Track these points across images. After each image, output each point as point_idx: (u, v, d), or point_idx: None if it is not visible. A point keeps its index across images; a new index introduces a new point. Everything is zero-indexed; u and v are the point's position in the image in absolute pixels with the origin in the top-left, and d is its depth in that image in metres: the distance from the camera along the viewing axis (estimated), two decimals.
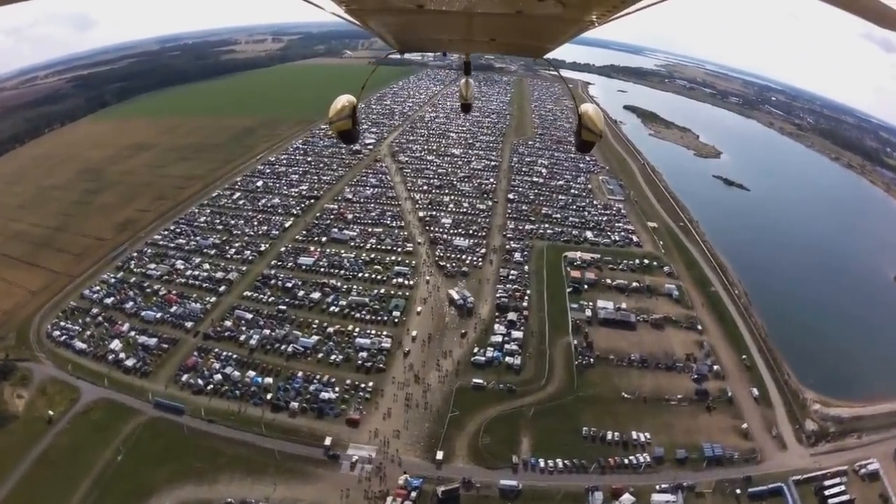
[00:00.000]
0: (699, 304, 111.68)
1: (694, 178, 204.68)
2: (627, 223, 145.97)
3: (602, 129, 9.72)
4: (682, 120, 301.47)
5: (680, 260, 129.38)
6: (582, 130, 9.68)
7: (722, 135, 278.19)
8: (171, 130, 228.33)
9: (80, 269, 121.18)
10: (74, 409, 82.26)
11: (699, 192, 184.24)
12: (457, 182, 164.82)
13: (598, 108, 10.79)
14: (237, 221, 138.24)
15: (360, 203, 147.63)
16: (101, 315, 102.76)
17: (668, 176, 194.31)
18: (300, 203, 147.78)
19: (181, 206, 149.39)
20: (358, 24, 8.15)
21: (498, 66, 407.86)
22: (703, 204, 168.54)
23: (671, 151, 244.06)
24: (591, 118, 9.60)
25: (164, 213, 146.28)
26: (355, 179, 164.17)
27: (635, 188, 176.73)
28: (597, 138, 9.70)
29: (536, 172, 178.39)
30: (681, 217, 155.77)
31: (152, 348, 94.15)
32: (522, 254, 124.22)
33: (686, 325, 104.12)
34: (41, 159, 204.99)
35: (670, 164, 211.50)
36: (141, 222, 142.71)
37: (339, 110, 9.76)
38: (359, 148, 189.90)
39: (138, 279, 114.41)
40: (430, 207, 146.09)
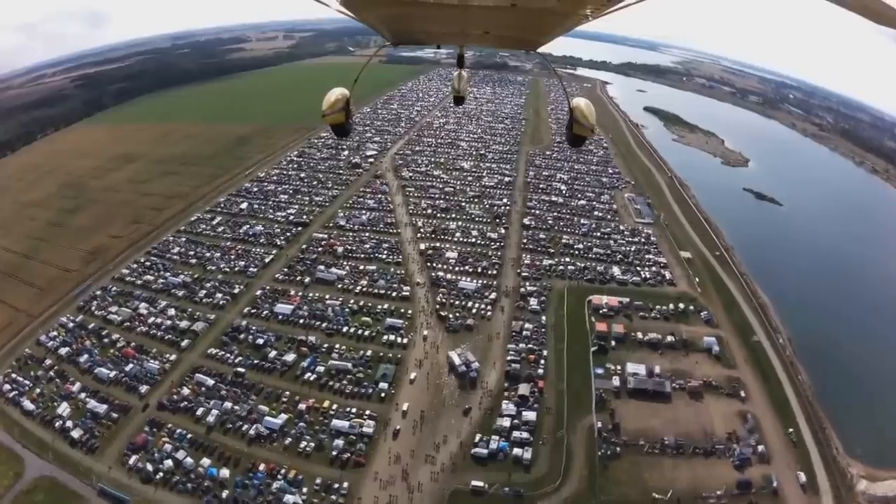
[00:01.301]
0: (741, 361, 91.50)
1: (724, 192, 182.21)
2: (658, 253, 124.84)
3: (594, 124, 9.75)
4: (705, 122, 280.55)
5: (718, 300, 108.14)
6: (574, 124, 9.85)
7: (747, 139, 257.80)
8: (163, 138, 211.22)
9: (42, 307, 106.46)
10: (17, 487, 70.37)
11: (731, 209, 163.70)
12: (465, 203, 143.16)
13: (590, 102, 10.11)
14: (213, 254, 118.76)
15: (354, 232, 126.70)
16: (53, 368, 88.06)
17: (697, 190, 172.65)
18: (286, 231, 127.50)
19: (156, 233, 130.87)
20: (353, 17, 8.13)
21: (512, 64, 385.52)
22: (736, 224, 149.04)
23: (698, 160, 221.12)
24: (582, 112, 9.66)
25: (137, 242, 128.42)
26: (350, 201, 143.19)
27: (664, 208, 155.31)
28: (589, 133, 9.78)
29: (555, 190, 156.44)
30: (716, 243, 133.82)
31: (101, 416, 78.56)
32: (539, 299, 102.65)
33: (727, 390, 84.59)
34: (28, 170, 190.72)
35: (698, 175, 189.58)
36: (111, 251, 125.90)
37: (333, 104, 9.78)
38: (358, 161, 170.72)
39: (98, 324, 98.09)
40: (434, 236, 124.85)
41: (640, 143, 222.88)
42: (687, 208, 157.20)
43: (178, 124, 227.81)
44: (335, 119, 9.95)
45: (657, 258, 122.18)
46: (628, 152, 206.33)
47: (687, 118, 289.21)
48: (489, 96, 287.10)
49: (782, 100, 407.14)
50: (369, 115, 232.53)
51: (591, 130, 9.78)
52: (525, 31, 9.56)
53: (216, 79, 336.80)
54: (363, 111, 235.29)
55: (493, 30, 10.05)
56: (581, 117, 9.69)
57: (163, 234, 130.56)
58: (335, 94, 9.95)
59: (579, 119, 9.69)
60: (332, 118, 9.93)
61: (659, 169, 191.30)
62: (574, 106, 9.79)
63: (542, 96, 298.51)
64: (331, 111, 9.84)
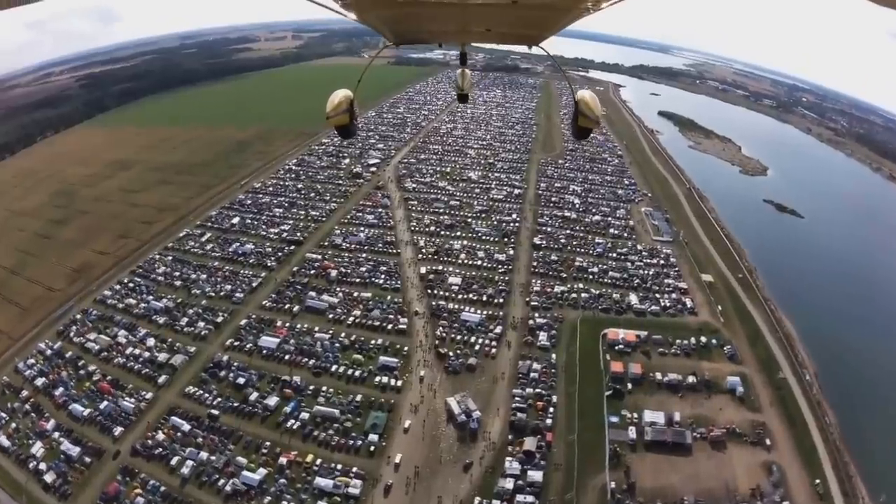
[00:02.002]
0: (766, 403, 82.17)
1: (744, 203, 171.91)
2: (678, 277, 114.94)
3: (599, 116, 9.70)
4: (720, 128, 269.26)
5: (742, 331, 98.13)
6: (579, 117, 9.71)
7: (764, 145, 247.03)
8: (160, 144, 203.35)
9: (23, 330, 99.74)
10: None
11: (752, 223, 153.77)
12: (472, 219, 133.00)
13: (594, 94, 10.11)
14: (199, 276, 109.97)
15: (350, 252, 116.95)
16: (29, 401, 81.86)
17: (716, 202, 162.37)
18: (277, 251, 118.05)
19: (142, 250, 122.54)
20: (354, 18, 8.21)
21: (524, 66, 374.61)
22: (757, 240, 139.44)
23: (715, 168, 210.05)
24: (587, 104, 9.56)
25: (123, 259, 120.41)
26: (349, 216, 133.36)
27: (683, 223, 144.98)
28: (594, 124, 9.70)
29: (568, 203, 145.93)
30: (738, 264, 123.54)
31: (74, 460, 72.34)
32: (549, 333, 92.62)
33: (752, 438, 75.64)
34: (24, 175, 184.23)
35: (717, 185, 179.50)
36: (96, 269, 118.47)
37: (336, 105, 9.77)
38: (359, 171, 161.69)
39: (75, 353, 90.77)
40: (436, 258, 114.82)
41: (656, 150, 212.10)
42: (707, 224, 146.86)
43: (178, 128, 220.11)
44: (339, 121, 9.89)
45: (677, 283, 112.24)
46: (644, 160, 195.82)
47: (702, 123, 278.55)
48: (499, 100, 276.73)
49: (796, 103, 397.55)
50: (374, 119, 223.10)
51: (596, 122, 9.66)
52: (526, 27, 9.43)
53: (221, 79, 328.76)
54: (368, 115, 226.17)
55: (495, 27, 10.11)
56: (586, 109, 9.59)
57: (150, 251, 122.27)
58: (339, 95, 9.88)
59: (584, 111, 9.61)
60: (336, 120, 9.88)
61: (676, 179, 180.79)
62: (579, 98, 9.69)
63: (553, 100, 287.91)
64: (335, 113, 9.80)
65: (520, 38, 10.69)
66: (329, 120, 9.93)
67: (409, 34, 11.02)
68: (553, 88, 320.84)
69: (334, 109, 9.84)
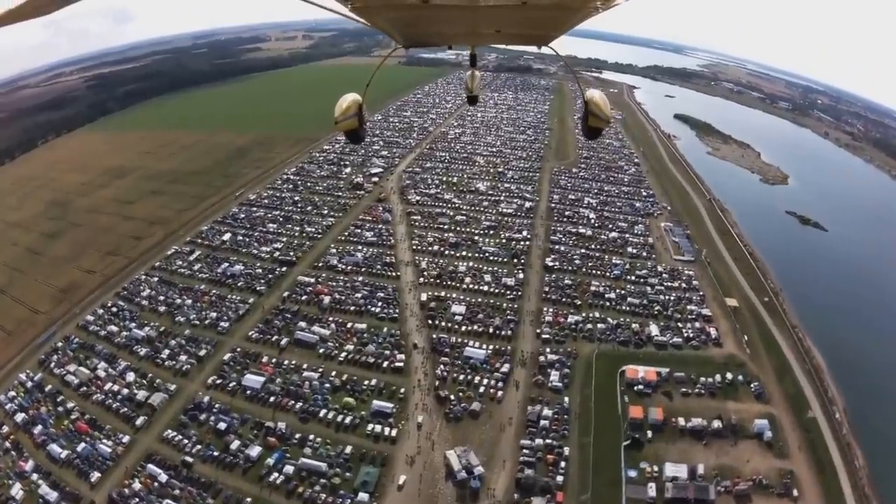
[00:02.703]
0: (795, 447, 73.92)
1: (766, 216, 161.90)
2: (701, 302, 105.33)
3: (609, 115, 9.55)
4: (738, 132, 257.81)
5: (769, 364, 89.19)
6: (589, 117, 9.57)
7: (782, 151, 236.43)
8: (159, 149, 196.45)
9: (6, 357, 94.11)
10: None
11: (775, 237, 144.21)
12: (479, 237, 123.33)
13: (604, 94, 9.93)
14: (184, 300, 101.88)
15: (346, 274, 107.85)
16: (10, 437, 76.75)
17: (738, 215, 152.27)
18: (269, 272, 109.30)
19: (130, 269, 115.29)
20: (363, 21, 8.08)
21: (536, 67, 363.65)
22: (781, 256, 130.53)
23: (735, 177, 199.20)
24: (597, 104, 9.45)
25: (109, 280, 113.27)
26: (347, 232, 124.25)
27: (705, 239, 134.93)
28: (604, 124, 9.56)
29: (583, 218, 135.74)
30: (763, 285, 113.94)
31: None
32: (562, 372, 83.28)
33: (779, 489, 67.76)
34: (22, 182, 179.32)
35: (738, 196, 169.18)
36: (82, 290, 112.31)
37: (345, 110, 9.57)
38: (360, 181, 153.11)
39: (55, 386, 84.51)
40: (439, 282, 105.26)
41: (674, 158, 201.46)
42: (729, 240, 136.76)
43: (179, 133, 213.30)
44: (348, 125, 9.70)
45: (700, 309, 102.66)
46: (662, 169, 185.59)
47: (719, 127, 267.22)
48: (510, 102, 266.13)
49: (811, 105, 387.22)
50: (379, 124, 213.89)
51: (606, 122, 9.53)
52: (536, 28, 9.37)
53: (228, 80, 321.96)
54: (374, 119, 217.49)
55: (505, 28, 9.96)
56: (596, 109, 9.46)
57: (137, 271, 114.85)
58: (347, 100, 9.69)
59: (594, 111, 9.48)
60: (344, 124, 9.68)
61: (696, 189, 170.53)
62: (588, 98, 9.56)
63: (567, 102, 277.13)
64: (343, 117, 9.58)
65: (529, 38, 10.45)
66: (337, 125, 9.60)
67: (419, 37, 10.47)
68: (566, 90, 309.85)
69: (343, 114, 9.52)
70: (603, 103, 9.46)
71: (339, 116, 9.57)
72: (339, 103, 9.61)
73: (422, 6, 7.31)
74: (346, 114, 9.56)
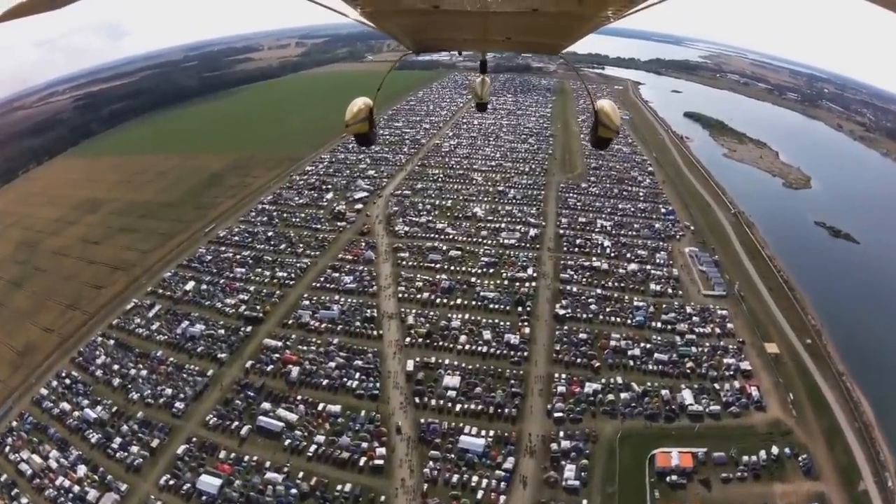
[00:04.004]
0: None
1: (794, 229, 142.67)
2: (738, 351, 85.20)
3: (618, 126, 9.38)
4: (752, 129, 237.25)
5: (817, 427, 73.34)
6: (598, 127, 9.39)
7: (800, 148, 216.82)
8: (134, 177, 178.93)
9: None
10: None
11: (807, 255, 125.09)
12: (476, 277, 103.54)
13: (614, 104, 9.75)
14: (139, 371, 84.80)
15: (320, 334, 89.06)
16: None
17: (765, 230, 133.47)
18: (232, 333, 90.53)
19: (88, 327, 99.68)
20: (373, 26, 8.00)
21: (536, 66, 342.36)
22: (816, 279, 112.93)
23: (756, 182, 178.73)
24: (607, 114, 9.29)
25: (66, 341, 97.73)
26: (323, 277, 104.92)
27: (734, 265, 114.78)
28: (613, 134, 9.37)
29: (596, 247, 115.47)
30: (804, 322, 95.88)
31: None
32: (578, 463, 64.73)
33: None
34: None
35: (762, 205, 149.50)
36: (39, 353, 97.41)
37: (356, 113, 9.47)
38: (343, 210, 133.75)
39: (10, 476, 70.89)
40: (429, 343, 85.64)
41: (690, 163, 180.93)
42: (762, 265, 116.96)
43: (156, 157, 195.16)
44: (358, 129, 9.59)
45: (739, 362, 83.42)
46: (678, 177, 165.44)
47: (732, 124, 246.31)
48: (510, 106, 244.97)
49: (819, 95, 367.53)
50: None
51: (615, 132, 9.43)
52: (546, 36, 9.09)
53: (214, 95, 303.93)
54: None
55: (515, 35, 9.79)
56: (606, 120, 9.32)
57: (94, 330, 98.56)
58: (358, 104, 9.58)
59: (604, 121, 9.34)
60: (355, 128, 9.56)
61: (717, 200, 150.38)
62: (599, 108, 9.41)
63: (570, 103, 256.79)
64: (354, 121, 9.48)
65: (540, 46, 10.37)
66: (348, 128, 9.45)
67: (429, 42, 10.50)
68: (568, 88, 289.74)
69: (354, 117, 9.42)
70: (613, 113, 9.27)
71: (349, 120, 9.34)
72: (349, 107, 9.36)
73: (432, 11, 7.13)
74: (356, 117, 9.36)
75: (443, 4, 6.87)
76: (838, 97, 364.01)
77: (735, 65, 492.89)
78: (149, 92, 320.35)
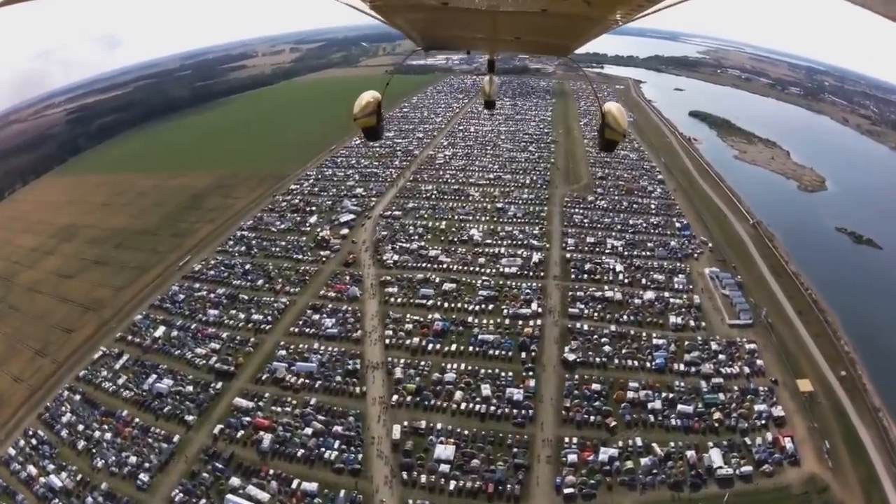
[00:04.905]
0: None
1: (815, 237, 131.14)
2: (771, 394, 73.86)
3: (625, 128, 9.31)
4: (759, 128, 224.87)
5: (855, 478, 64.05)
6: (605, 129, 9.23)
7: (810, 147, 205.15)
8: (114, 199, 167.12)
9: None
10: None
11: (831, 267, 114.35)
12: (474, 316, 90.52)
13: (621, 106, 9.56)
14: (104, 433, 74.15)
15: (296, 391, 76.92)
16: None
17: (785, 239, 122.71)
18: (201, 390, 78.71)
19: (56, 377, 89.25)
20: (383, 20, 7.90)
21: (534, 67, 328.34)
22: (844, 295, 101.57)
23: (770, 186, 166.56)
24: (614, 117, 9.11)
25: (34, 393, 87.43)
26: (302, 320, 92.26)
27: (759, 286, 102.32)
28: (620, 137, 9.23)
29: (607, 272, 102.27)
30: (838, 350, 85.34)
31: None
32: None
33: None
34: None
35: (779, 212, 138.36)
36: (7, 408, 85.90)
37: (364, 107, 9.27)
38: (327, 236, 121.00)
39: None
40: (420, 402, 73.32)
41: (701, 168, 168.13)
42: (788, 284, 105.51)
43: (139, 175, 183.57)
44: (366, 122, 9.41)
45: (770, 408, 72.16)
46: (690, 184, 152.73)
47: (738, 123, 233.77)
48: (508, 111, 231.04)
49: (820, 88, 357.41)
50: (357, 150, 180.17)
51: (622, 135, 9.25)
52: (555, 37, 9.12)
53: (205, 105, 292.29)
54: (351, 144, 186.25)
55: (524, 35, 9.74)
56: (613, 122, 9.09)
57: (62, 380, 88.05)
58: (366, 97, 9.35)
59: (611, 124, 9.11)
60: (363, 121, 9.41)
61: (733, 209, 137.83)
62: (606, 111, 9.23)
63: (571, 105, 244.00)
64: (362, 114, 9.31)
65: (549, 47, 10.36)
66: (356, 121, 9.37)
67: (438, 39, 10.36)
68: (569, 89, 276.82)
69: (362, 111, 9.25)
70: (620, 116, 9.10)
71: (357, 113, 9.19)
72: (358, 100, 9.18)
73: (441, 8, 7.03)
74: (364, 111, 9.18)
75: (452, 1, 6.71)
76: (839, 90, 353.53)
77: (734, 60, 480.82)
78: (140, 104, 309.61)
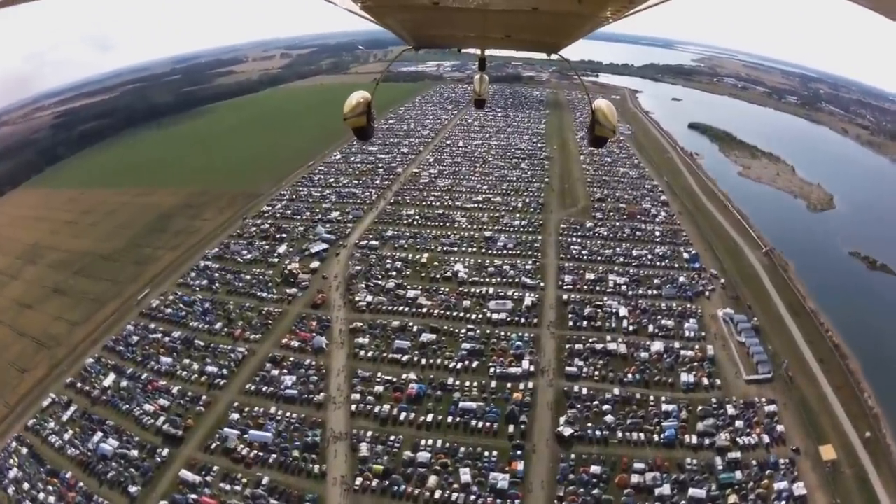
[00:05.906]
0: None
1: (829, 262, 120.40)
2: (792, 466, 63.03)
3: (615, 125, 9.34)
4: (762, 141, 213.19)
5: None
6: (595, 126, 9.35)
7: (814, 161, 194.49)
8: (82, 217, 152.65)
9: None
10: None
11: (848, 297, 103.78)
12: (455, 375, 77.12)
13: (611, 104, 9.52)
14: (48, 497, 63.29)
15: (248, 465, 64.53)
16: None
17: (800, 268, 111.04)
18: (147, 456, 66.81)
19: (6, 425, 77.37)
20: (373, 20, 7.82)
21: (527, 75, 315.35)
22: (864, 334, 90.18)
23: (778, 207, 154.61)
24: (604, 114, 9.20)
25: None
26: (259, 376, 78.82)
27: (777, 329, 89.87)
28: (610, 134, 9.29)
29: (609, 318, 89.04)
30: (862, 406, 74.43)
31: None
32: None
33: None
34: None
35: (790, 237, 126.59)
36: None
37: (354, 107, 9.15)
38: (295, 269, 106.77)
39: None
40: (386, 488, 60.90)
41: (706, 188, 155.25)
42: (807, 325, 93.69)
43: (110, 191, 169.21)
44: (356, 122, 9.18)
45: (791, 485, 60.83)
46: (696, 206, 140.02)
47: (740, 135, 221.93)
48: (499, 123, 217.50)
49: (816, 97, 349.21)
50: (337, 166, 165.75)
51: (612, 132, 9.27)
52: (546, 34, 8.91)
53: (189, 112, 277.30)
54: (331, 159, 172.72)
55: (514, 33, 9.68)
56: (602, 119, 9.18)
57: (12, 429, 76.54)
58: (356, 97, 9.16)
59: (601, 121, 9.20)
60: (353, 121, 9.16)
61: (743, 234, 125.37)
62: (596, 108, 9.27)
63: (566, 116, 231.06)
64: (352, 114, 9.08)
65: (539, 45, 10.06)
66: (346, 121, 9.13)
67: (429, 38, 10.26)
68: (563, 100, 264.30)
69: (352, 111, 9.03)
70: (610, 113, 9.15)
71: (347, 113, 9.05)
72: (348, 100, 9.06)
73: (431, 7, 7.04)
74: (354, 111, 9.04)
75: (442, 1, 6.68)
76: (835, 98, 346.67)
77: (729, 67, 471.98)
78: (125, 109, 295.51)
